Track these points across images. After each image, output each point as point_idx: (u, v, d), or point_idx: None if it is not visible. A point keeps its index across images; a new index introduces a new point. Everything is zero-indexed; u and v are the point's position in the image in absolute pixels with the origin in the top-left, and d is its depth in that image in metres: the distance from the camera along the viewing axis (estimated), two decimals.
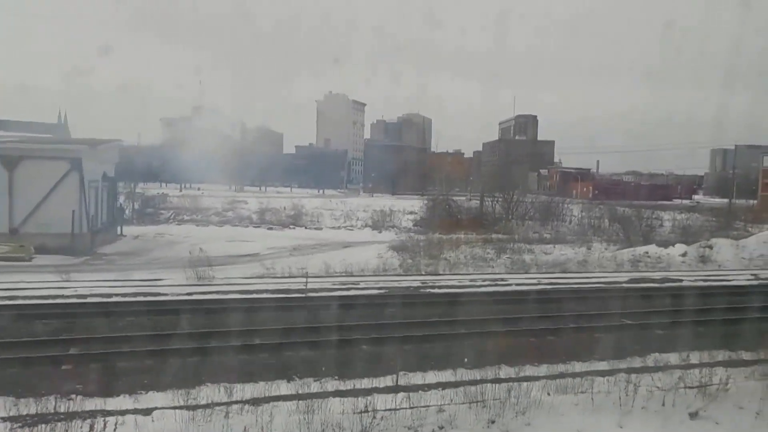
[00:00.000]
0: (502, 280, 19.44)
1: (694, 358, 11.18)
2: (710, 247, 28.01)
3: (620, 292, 17.46)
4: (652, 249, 28.02)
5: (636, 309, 15.09)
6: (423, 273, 21.62)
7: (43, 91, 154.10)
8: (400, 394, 8.96)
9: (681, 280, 20.50)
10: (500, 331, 12.37)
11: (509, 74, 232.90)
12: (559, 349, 11.45)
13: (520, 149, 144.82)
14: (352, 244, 30.63)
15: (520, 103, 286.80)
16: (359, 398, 8.46)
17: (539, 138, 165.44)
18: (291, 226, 38.29)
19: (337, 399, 8.21)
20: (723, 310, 15.22)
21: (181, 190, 60.37)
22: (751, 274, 22.30)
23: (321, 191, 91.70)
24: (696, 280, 20.65)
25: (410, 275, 20.71)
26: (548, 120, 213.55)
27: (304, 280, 17.54)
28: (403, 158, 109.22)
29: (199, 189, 79.50)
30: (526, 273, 22.31)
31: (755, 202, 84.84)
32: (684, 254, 26.71)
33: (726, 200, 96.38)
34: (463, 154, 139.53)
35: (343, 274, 20.15)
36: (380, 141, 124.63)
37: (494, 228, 40.10)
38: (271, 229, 37.26)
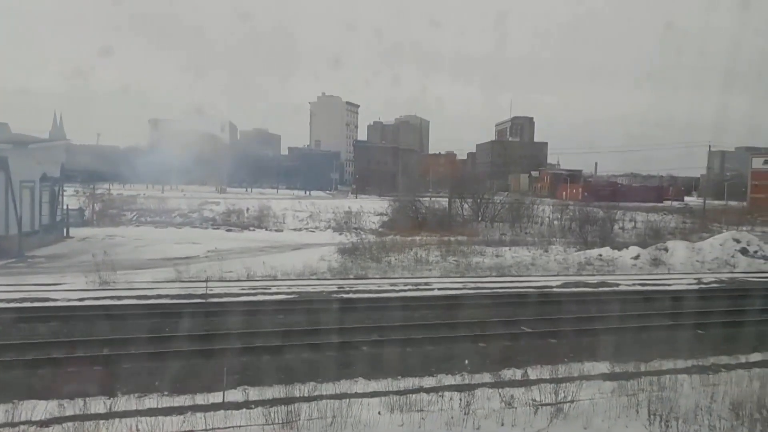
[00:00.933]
0: (427, 284, 18.66)
1: (575, 370, 10.44)
2: (666, 249, 27.20)
3: (540, 298, 16.69)
4: (606, 251, 27.19)
5: (547, 316, 14.32)
6: (351, 277, 20.83)
7: (40, 94, 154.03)
8: (221, 412, 8.25)
9: (617, 285, 19.69)
10: (374, 340, 11.63)
11: (508, 76, 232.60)
12: (431, 361, 10.69)
13: (513, 151, 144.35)
14: (304, 246, 29.88)
15: (520, 105, 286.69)
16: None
17: (536, 139, 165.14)
18: (252, 228, 37.59)
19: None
20: (640, 317, 14.48)
21: (157, 191, 59.59)
22: (694, 278, 21.44)
23: (308, 193, 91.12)
24: (633, 285, 19.84)
25: (335, 279, 19.94)
26: (548, 121, 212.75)
27: (216, 284, 16.93)
28: (392, 160, 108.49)
29: (182, 191, 79.18)
30: (461, 277, 21.51)
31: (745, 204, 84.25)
32: (636, 257, 25.86)
33: (719, 202, 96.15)
34: (456, 155, 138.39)
35: (265, 278, 19.38)
36: (369, 142, 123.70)
37: (460, 230, 39.37)
38: (230, 230, 36.55)
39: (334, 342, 11.25)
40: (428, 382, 9.45)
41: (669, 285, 19.80)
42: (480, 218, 43.66)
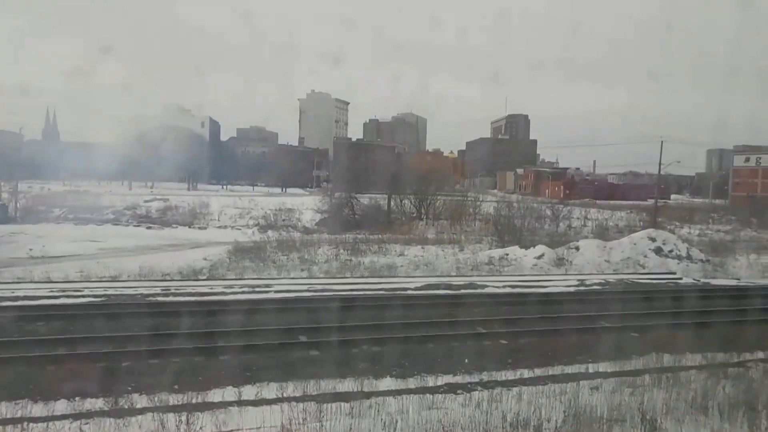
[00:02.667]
0: (267, 286, 17.25)
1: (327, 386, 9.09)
2: (577, 248, 25.75)
3: (373, 302, 15.30)
4: (514, 251, 25.80)
5: (373, 321, 12.98)
6: (207, 278, 19.55)
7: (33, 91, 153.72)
8: None
9: (484, 287, 18.23)
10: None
11: (509, 74, 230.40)
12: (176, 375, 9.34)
13: (502, 148, 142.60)
14: (206, 245, 28.64)
15: (521, 103, 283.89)
16: None
17: (532, 137, 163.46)
18: (174, 226, 36.40)
19: None
20: (453, 324, 13.13)
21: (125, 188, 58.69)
22: (578, 280, 19.96)
23: (284, 190, 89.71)
24: (502, 287, 18.38)
25: (187, 281, 18.58)
26: (548, 120, 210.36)
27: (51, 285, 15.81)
28: (372, 157, 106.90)
29: (151, 187, 78.20)
30: (330, 278, 20.14)
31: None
32: (540, 257, 24.42)
33: (703, 200, 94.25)
34: (442, 153, 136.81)
35: (103, 279, 18.13)
36: (346, 139, 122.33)
37: (396, 228, 38.06)
38: (150, 228, 35.42)
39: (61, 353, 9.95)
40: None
41: (539, 288, 18.34)
42: (424, 216, 42.35)
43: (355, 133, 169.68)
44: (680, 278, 21.25)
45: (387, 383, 9.43)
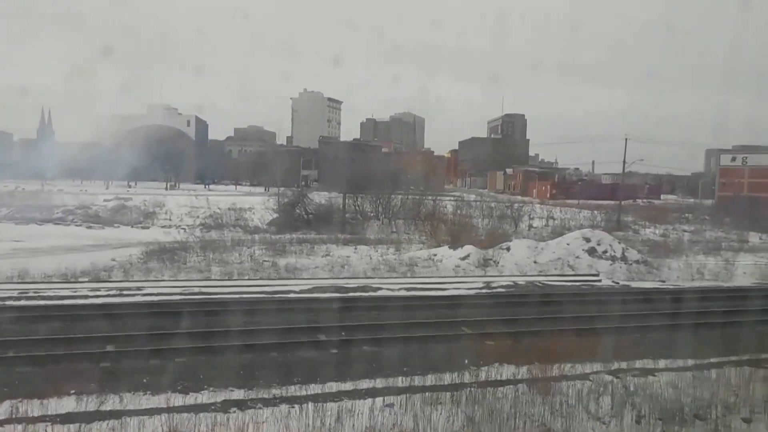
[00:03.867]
0: (139, 289, 16.25)
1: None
2: (508, 249, 24.71)
3: (246, 305, 14.32)
4: (443, 251, 24.80)
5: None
6: (90, 280, 18.59)
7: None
8: None
9: (378, 290, 17.20)
10: None
11: (508, 74, 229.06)
12: None
13: (493, 148, 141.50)
14: (133, 245, 27.62)
15: (520, 102, 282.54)
16: None
17: (529, 136, 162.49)
18: (117, 225, 35.56)
19: None
20: (323, 329, 12.19)
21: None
22: (485, 282, 18.91)
23: (267, 189, 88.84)
24: (399, 290, 17.34)
25: (57, 283, 17.61)
26: (548, 119, 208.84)
27: None
28: (358, 156, 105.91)
29: (130, 186, 77.59)
30: (225, 281, 19.18)
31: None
32: (465, 257, 23.39)
33: (692, 200, 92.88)
34: (433, 152, 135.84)
35: None
36: (332, 138, 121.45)
37: (347, 229, 37.12)
38: (90, 228, 34.63)
39: None
40: None
41: (436, 291, 17.32)
42: (381, 216, 41.39)
43: (353, 133, 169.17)
44: (599, 280, 20.19)
45: (147, 401, 8.42)
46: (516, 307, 15.20)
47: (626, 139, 46.86)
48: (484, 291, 17.58)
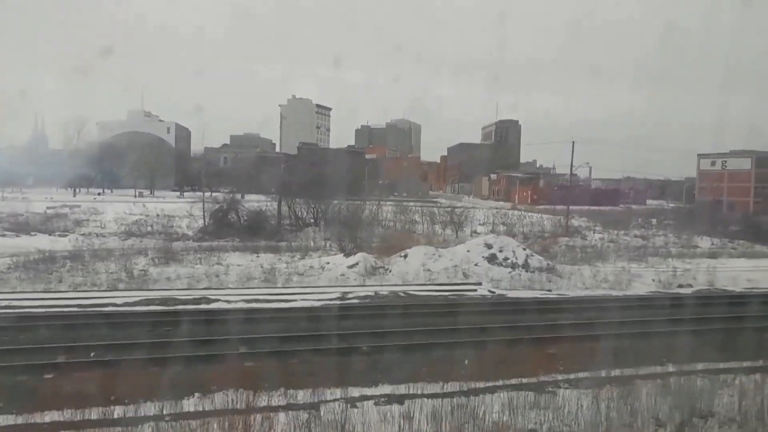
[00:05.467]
0: None
1: None
2: (405, 256, 23.28)
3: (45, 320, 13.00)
4: (336, 258, 23.44)
5: None
6: None
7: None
8: None
9: (216, 301, 15.84)
10: None
11: (505, 79, 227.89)
12: None
13: (481, 153, 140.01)
14: (22, 254, 26.31)
15: (519, 107, 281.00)
16: None
17: (524, 142, 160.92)
18: (33, 233, 34.26)
19: None
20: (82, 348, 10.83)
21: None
22: (343, 292, 17.46)
23: (243, 197, 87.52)
24: (239, 301, 15.96)
25: None
26: (546, 123, 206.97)
27: None
28: (337, 162, 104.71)
29: (98, 194, 76.61)
30: (70, 293, 17.85)
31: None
32: (353, 265, 21.97)
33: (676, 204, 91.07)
34: (419, 158, 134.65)
35: None
36: (312, 144, 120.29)
37: (280, 236, 35.77)
38: (3, 236, 33.34)
39: None
40: None
41: (279, 303, 15.91)
42: (318, 222, 40.03)
43: (348, 139, 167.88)
44: (475, 290, 18.71)
45: None
46: (337, 321, 13.75)
47: (573, 142, 45.28)
48: (334, 302, 16.17)
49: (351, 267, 21.89)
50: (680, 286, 21.03)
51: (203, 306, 15.20)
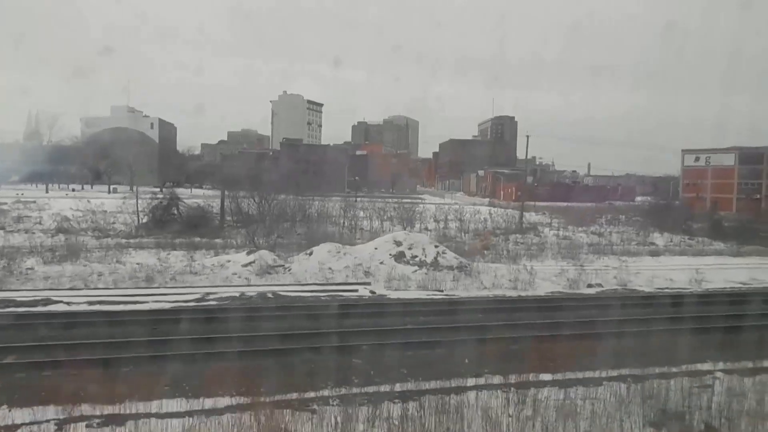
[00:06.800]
0: None
1: None
2: (311, 253, 22.14)
3: None
4: (238, 256, 22.29)
5: None
6: None
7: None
8: None
9: (52, 303, 14.73)
10: None
11: (505, 76, 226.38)
12: None
13: (473, 150, 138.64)
14: None
15: (519, 104, 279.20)
16: None
17: (520, 138, 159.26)
18: None
19: None
20: None
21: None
22: (205, 294, 16.32)
23: (224, 192, 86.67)
24: (80, 304, 14.84)
25: None
26: (547, 121, 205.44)
27: None
28: (320, 159, 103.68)
29: (73, 190, 75.78)
30: None
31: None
32: (249, 264, 20.83)
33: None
34: (408, 154, 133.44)
35: None
36: (296, 140, 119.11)
37: (219, 233, 34.66)
38: None
39: None
40: None
41: (127, 305, 14.80)
42: (265, 218, 38.86)
43: (344, 136, 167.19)
44: (356, 290, 17.53)
45: None
46: (169, 324, 12.61)
47: (527, 136, 43.79)
48: (185, 305, 15.03)
49: (246, 266, 20.75)
50: (589, 285, 19.77)
51: (38, 309, 14.08)
